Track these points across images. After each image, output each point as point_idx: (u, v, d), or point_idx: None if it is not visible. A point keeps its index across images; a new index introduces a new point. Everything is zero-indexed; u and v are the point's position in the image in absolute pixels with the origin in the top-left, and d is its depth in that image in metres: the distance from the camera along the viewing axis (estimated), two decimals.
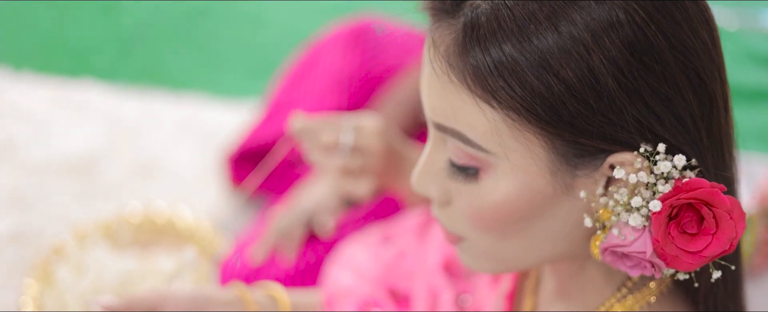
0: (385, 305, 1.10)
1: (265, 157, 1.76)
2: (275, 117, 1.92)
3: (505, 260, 0.83)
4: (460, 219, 0.82)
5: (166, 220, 1.89)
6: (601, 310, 0.85)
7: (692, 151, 0.74)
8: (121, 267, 1.75)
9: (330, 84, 1.91)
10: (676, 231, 0.73)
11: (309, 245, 1.64)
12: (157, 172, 2.07)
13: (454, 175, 0.79)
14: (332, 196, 1.67)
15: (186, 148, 2.13)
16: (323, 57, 1.97)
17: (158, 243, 1.85)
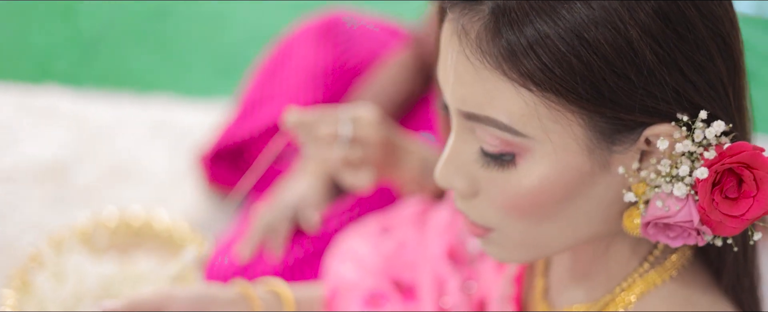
0: (391, 297, 1.06)
1: (259, 155, 1.71)
2: (249, 114, 1.87)
3: (538, 246, 0.79)
4: (489, 209, 0.78)
5: (142, 223, 1.83)
6: (624, 286, 0.82)
7: (725, 116, 0.72)
8: (101, 272, 1.69)
9: (304, 78, 1.86)
10: (719, 197, 0.70)
11: (295, 240, 1.60)
12: (130, 175, 2.01)
13: (488, 164, 0.76)
14: (316, 191, 1.64)
15: (158, 150, 2.07)
16: (295, 52, 1.93)
17: (137, 247, 1.80)
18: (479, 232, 0.81)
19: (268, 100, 1.87)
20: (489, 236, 0.81)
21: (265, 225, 1.60)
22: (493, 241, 0.81)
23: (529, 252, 0.80)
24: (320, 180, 1.65)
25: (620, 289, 0.83)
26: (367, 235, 1.16)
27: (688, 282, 0.82)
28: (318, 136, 1.12)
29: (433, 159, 1.25)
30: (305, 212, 1.61)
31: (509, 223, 0.77)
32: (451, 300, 1.03)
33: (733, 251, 0.81)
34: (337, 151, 1.12)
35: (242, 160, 1.88)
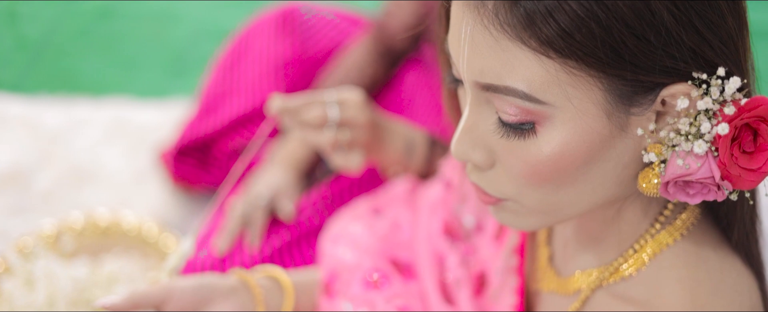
0: (391, 276, 1.05)
1: (248, 144, 1.69)
2: (211, 109, 1.84)
3: (554, 212, 0.79)
4: (506, 179, 0.77)
5: (109, 224, 1.79)
6: (636, 247, 0.83)
7: (739, 72, 0.72)
8: (73, 275, 1.65)
9: (266, 70, 1.84)
10: (737, 151, 0.71)
11: (272, 230, 1.58)
12: (91, 178, 1.96)
13: (507, 134, 0.75)
14: (288, 181, 1.62)
15: (117, 151, 2.02)
16: (252, 45, 1.90)
17: (107, 248, 1.76)
18: (492, 201, 0.80)
19: (229, 95, 1.85)
20: (503, 204, 0.80)
21: (241, 217, 1.58)
22: (507, 209, 0.80)
23: (545, 218, 0.80)
24: (292, 170, 1.64)
25: (633, 251, 0.83)
26: (359, 217, 1.15)
27: (699, 240, 0.82)
28: (304, 121, 1.11)
29: (417, 139, 1.24)
30: (280, 202, 1.59)
31: (527, 191, 0.77)
32: (452, 275, 1.02)
33: (742, 208, 0.81)
34: (327, 134, 1.11)
35: (208, 155, 1.84)
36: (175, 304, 0.99)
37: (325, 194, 1.63)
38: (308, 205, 1.61)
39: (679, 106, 0.70)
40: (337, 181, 1.65)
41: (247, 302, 1.02)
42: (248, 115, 1.79)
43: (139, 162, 1.99)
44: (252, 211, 1.58)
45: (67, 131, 2.07)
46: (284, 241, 1.55)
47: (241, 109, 1.79)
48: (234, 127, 1.80)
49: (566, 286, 0.89)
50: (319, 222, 1.58)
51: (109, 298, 0.97)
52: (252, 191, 1.62)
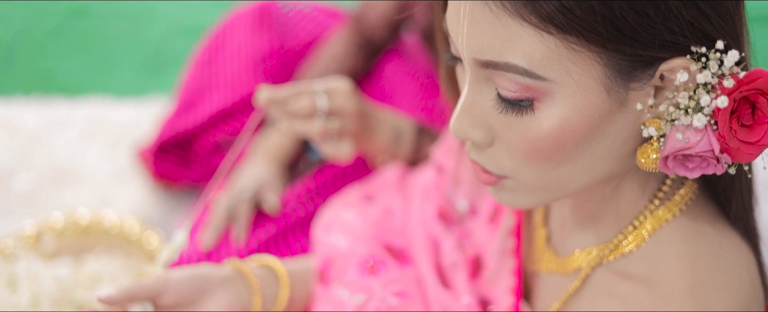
0: (386, 262, 1.05)
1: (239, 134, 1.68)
2: (189, 106, 1.83)
3: (553, 189, 0.79)
4: (506, 156, 0.77)
5: (90, 223, 1.78)
6: (635, 224, 0.83)
7: (736, 45, 0.73)
8: (57, 275, 1.64)
9: (244, 65, 1.83)
10: (736, 125, 0.71)
11: (257, 224, 1.57)
12: (71, 178, 1.94)
13: (505, 110, 0.74)
14: (272, 174, 1.61)
15: (95, 151, 2.01)
16: (229, 40, 1.89)
17: (90, 248, 1.74)
18: (492, 180, 0.80)
19: (207, 90, 1.83)
20: (502, 183, 0.80)
21: (226, 210, 1.57)
22: (507, 188, 0.80)
23: (544, 195, 0.80)
24: (275, 163, 1.63)
25: (632, 227, 0.83)
26: (351, 204, 1.14)
27: (697, 215, 0.83)
28: (293, 111, 1.10)
29: (404, 127, 1.24)
30: (265, 195, 1.58)
31: (526, 168, 0.77)
32: (448, 259, 1.02)
33: (740, 181, 0.82)
34: (316, 123, 1.10)
35: (188, 151, 1.83)
36: (171, 296, 0.98)
37: (309, 186, 1.62)
38: (293, 197, 1.61)
39: (678, 80, 0.71)
40: (322, 172, 1.65)
41: (243, 291, 1.02)
42: (228, 110, 1.78)
43: (119, 161, 1.97)
44: (237, 205, 1.57)
45: (44, 131, 2.05)
46: (270, 234, 1.54)
47: (220, 104, 1.78)
48: (214, 122, 1.79)
49: (565, 266, 0.89)
50: (304, 214, 1.58)
51: (105, 292, 0.96)
52: (236, 185, 1.62)
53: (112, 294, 0.95)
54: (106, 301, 0.96)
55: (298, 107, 1.10)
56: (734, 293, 0.80)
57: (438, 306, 0.99)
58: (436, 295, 1.00)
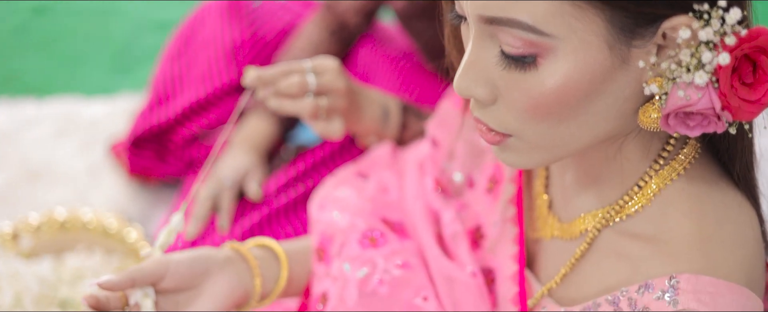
0: (387, 235, 1.05)
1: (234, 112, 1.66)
2: (163, 100, 1.82)
3: (556, 148, 0.80)
4: (509, 113, 0.78)
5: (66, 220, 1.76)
6: (641, 184, 0.84)
7: (737, 3, 0.74)
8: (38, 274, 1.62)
9: (215, 56, 1.82)
10: (737, 83, 0.73)
11: (241, 213, 1.57)
12: (44, 177, 1.92)
13: (508, 66, 0.75)
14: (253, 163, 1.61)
15: (68, 149, 1.98)
16: (200, 32, 1.88)
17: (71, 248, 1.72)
18: (496, 139, 0.81)
19: (180, 83, 1.82)
20: (505, 142, 0.81)
21: (208, 200, 1.57)
22: (510, 147, 0.81)
23: (547, 154, 0.81)
24: (254, 152, 1.63)
25: (637, 188, 0.84)
26: (345, 182, 1.15)
27: (700, 175, 0.84)
28: (282, 90, 1.10)
29: (390, 105, 1.25)
30: (247, 184, 1.58)
31: (529, 126, 0.78)
32: (448, 230, 1.03)
33: (742, 140, 0.83)
34: (307, 102, 1.10)
35: (163, 145, 1.82)
36: (172, 278, 0.97)
37: (290, 174, 1.63)
38: (274, 185, 1.61)
39: (681, 37, 0.72)
40: (302, 159, 1.65)
41: (243, 272, 1.02)
42: (202, 102, 1.77)
43: (93, 158, 1.96)
44: (219, 194, 1.57)
45: (15, 131, 2.03)
46: (254, 222, 1.54)
47: (194, 96, 1.78)
48: (188, 115, 1.78)
49: (570, 230, 0.91)
50: (287, 200, 1.58)
51: (106, 278, 0.95)
52: (216, 175, 1.61)
53: (112, 279, 0.95)
54: (107, 286, 0.95)
55: (287, 85, 1.10)
56: (741, 249, 0.81)
57: (442, 277, 0.99)
58: (439, 265, 1.00)
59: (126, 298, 0.98)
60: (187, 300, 0.99)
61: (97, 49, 2.34)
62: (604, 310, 0.85)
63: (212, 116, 1.77)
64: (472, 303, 0.97)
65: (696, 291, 0.79)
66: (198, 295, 0.99)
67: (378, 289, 1.00)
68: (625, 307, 0.83)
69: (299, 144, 1.69)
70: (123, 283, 0.95)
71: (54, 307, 1.59)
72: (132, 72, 2.26)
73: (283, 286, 1.05)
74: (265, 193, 1.59)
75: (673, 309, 0.79)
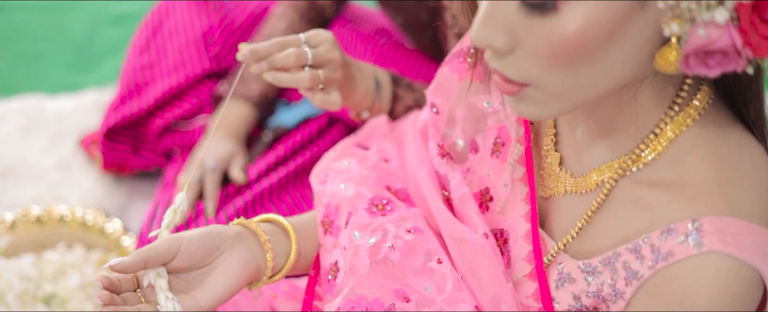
0: (394, 203, 1.04)
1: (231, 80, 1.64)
2: (134, 91, 1.79)
3: (574, 96, 0.79)
4: (529, 62, 0.77)
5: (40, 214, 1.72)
6: (656, 131, 0.84)
7: None
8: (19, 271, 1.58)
9: (185, 44, 1.80)
10: (757, 19, 0.73)
11: (226, 198, 1.55)
12: (16, 175, 1.88)
13: (528, 13, 0.75)
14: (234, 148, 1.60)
15: (38, 146, 1.94)
16: (167, 21, 1.86)
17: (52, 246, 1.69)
18: (513, 89, 0.80)
19: (150, 74, 1.80)
20: (523, 93, 0.80)
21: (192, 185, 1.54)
22: (528, 98, 0.80)
23: (565, 103, 0.80)
24: (232, 137, 1.62)
25: (653, 135, 0.84)
26: (345, 153, 1.13)
27: (715, 119, 0.84)
28: (279, 63, 1.09)
29: (381, 77, 1.24)
30: (231, 168, 1.57)
31: (549, 74, 0.77)
32: (457, 193, 1.02)
33: (756, 83, 0.83)
34: (305, 74, 1.09)
35: (137, 137, 1.79)
36: (184, 256, 0.95)
37: (272, 157, 1.61)
38: (257, 169, 1.60)
39: None
40: (283, 142, 1.64)
41: (254, 247, 1.00)
42: (174, 91, 1.75)
43: (63, 154, 1.91)
44: (202, 179, 1.55)
45: None
46: (239, 206, 1.53)
47: (167, 86, 1.75)
48: (162, 105, 1.75)
49: (585, 184, 0.90)
50: (270, 183, 1.56)
51: (117, 260, 0.93)
52: (197, 162, 1.59)
53: (124, 261, 0.93)
54: (119, 268, 0.93)
55: (284, 58, 1.08)
56: (758, 190, 0.82)
57: (454, 240, 0.99)
58: (450, 228, 0.99)
59: (137, 281, 0.96)
60: (198, 279, 0.97)
61: (56, 46, 2.28)
62: (625, 259, 0.85)
63: (187, 105, 1.74)
64: (487, 264, 0.96)
65: (720, 232, 0.79)
66: (210, 273, 0.98)
67: (390, 255, 0.99)
68: (648, 254, 0.83)
69: (277, 126, 1.67)
70: (135, 264, 0.93)
71: (38, 303, 1.55)
72: (94, 68, 2.21)
73: (293, 260, 1.03)
74: (249, 177, 1.58)
75: (698, 251, 0.79)
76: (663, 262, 0.81)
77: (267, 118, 1.71)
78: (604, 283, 0.88)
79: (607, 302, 0.88)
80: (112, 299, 0.91)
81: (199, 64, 1.76)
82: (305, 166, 1.61)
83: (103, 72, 2.20)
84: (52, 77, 2.19)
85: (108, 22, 2.31)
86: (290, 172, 1.59)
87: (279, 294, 1.17)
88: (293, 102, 1.71)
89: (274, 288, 1.18)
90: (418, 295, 0.97)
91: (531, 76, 0.78)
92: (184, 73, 1.76)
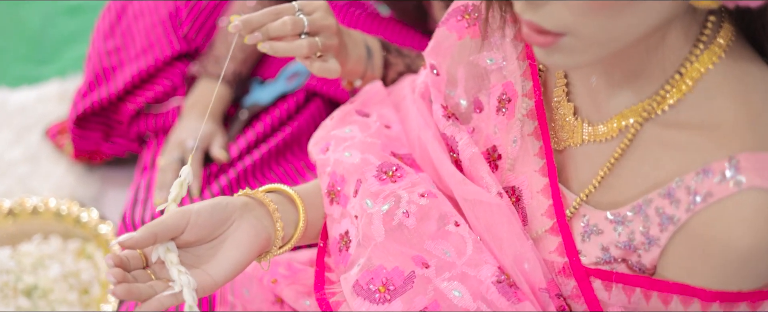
0: (403, 168, 0.99)
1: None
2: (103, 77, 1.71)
3: (611, 42, 0.75)
4: (567, 9, 0.72)
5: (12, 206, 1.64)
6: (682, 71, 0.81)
7: None
8: None
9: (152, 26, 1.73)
10: None
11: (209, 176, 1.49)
12: None
13: None
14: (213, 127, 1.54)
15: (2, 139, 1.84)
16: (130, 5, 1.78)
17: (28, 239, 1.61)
18: (548, 41, 0.75)
19: (117, 58, 1.72)
20: (557, 43, 0.75)
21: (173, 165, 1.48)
22: (563, 48, 0.76)
23: (601, 50, 0.76)
24: (211, 117, 1.55)
25: (679, 75, 0.80)
26: (345, 120, 1.08)
27: (739, 56, 0.81)
28: (275, 32, 1.03)
29: (372, 44, 1.19)
30: (212, 147, 1.51)
31: (587, 21, 0.73)
32: (466, 153, 0.97)
33: None
34: (305, 41, 1.03)
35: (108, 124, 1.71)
36: (193, 229, 0.90)
37: (252, 135, 1.56)
38: (238, 147, 1.54)
39: None
40: (261, 120, 1.58)
41: (263, 217, 0.95)
42: (143, 75, 1.67)
43: (29, 145, 1.82)
44: (184, 158, 1.49)
45: None
46: (223, 185, 1.48)
47: (135, 69, 1.68)
48: (132, 89, 1.68)
49: (606, 131, 0.86)
50: (252, 161, 1.51)
51: (126, 235, 0.87)
52: (175, 141, 1.53)
53: (133, 236, 0.87)
54: (128, 244, 0.87)
55: (280, 26, 1.02)
56: None
57: (468, 201, 0.94)
58: (464, 190, 0.95)
59: (146, 258, 0.90)
60: (209, 252, 0.92)
61: (12, 40, 2.18)
62: (658, 205, 0.82)
63: (159, 87, 1.67)
64: (505, 224, 0.92)
65: (758, 168, 0.76)
66: (220, 246, 0.92)
67: (404, 222, 0.94)
68: (683, 197, 0.79)
69: (253, 104, 1.61)
70: (145, 238, 0.87)
71: (19, 296, 1.48)
72: (53, 60, 2.12)
73: (302, 228, 0.98)
74: (231, 155, 1.52)
75: (738, 189, 0.76)
76: (702, 203, 0.78)
77: (242, 97, 1.65)
78: (635, 231, 0.84)
79: (638, 251, 0.85)
80: (124, 276, 0.85)
81: (169, 46, 1.69)
82: (286, 142, 1.55)
83: (63, 63, 2.10)
84: (10, 71, 2.09)
85: (63, 13, 2.21)
86: (272, 149, 1.54)
87: (279, 278, 1.11)
88: (267, 80, 1.65)
89: (273, 273, 1.12)
90: (437, 259, 0.93)
91: (568, 24, 0.74)
92: (153, 56, 1.68)
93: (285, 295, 1.08)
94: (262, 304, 1.14)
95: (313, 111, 1.60)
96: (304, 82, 1.60)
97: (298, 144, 1.57)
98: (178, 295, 0.87)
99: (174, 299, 0.87)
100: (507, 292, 0.89)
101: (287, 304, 1.14)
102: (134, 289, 0.85)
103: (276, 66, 1.66)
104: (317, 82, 1.58)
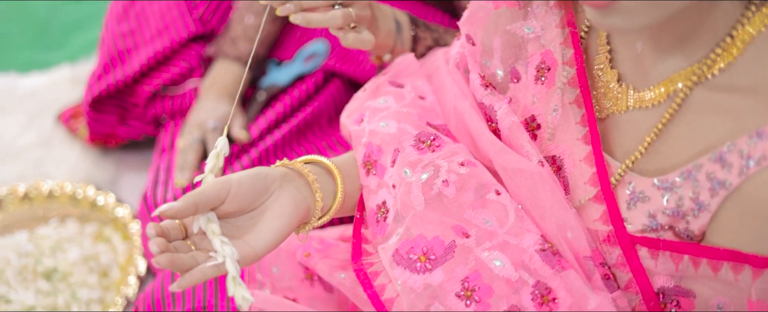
0: (440, 138, 0.97)
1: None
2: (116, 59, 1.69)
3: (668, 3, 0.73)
4: None
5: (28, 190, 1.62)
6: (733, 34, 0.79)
7: None
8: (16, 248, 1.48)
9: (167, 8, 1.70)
10: None
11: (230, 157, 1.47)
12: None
13: None
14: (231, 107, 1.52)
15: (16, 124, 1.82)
16: None
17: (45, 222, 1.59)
18: (605, 2, 0.74)
19: (132, 41, 1.70)
20: (616, 5, 0.74)
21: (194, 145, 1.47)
22: (621, 9, 0.73)
23: (658, 11, 0.74)
24: (228, 98, 1.54)
25: (730, 38, 0.79)
26: (379, 91, 1.06)
27: None
28: (307, 4, 1.01)
29: (401, 17, 1.17)
30: (232, 127, 1.49)
31: None
32: (506, 122, 0.95)
33: None
34: (339, 12, 1.01)
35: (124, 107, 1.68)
36: (234, 199, 0.88)
37: (272, 116, 1.54)
38: (256, 128, 1.52)
39: None
40: (280, 101, 1.56)
41: (303, 187, 0.93)
42: (160, 57, 1.65)
43: (43, 129, 1.80)
44: (204, 138, 1.47)
45: None
46: (245, 165, 1.46)
47: (151, 51, 1.65)
48: (148, 72, 1.66)
49: (653, 97, 0.84)
50: (273, 141, 1.49)
51: (166, 205, 0.85)
52: (195, 122, 1.51)
53: (174, 205, 0.85)
54: (169, 214, 0.85)
55: None
56: None
57: (508, 170, 0.92)
58: (504, 159, 0.93)
59: (185, 229, 0.88)
60: (249, 223, 0.90)
61: (20, 26, 2.15)
62: (709, 170, 0.80)
63: (175, 69, 1.65)
64: (547, 192, 0.90)
65: None
66: (260, 216, 0.90)
67: (443, 191, 0.92)
68: (736, 161, 0.78)
69: (270, 85, 1.59)
70: (186, 208, 0.85)
71: (39, 278, 1.45)
72: (61, 45, 2.09)
73: (341, 199, 0.96)
74: (251, 136, 1.50)
75: None
76: (756, 167, 0.76)
77: (259, 79, 1.62)
78: (683, 197, 0.82)
79: (686, 218, 0.83)
80: (167, 246, 0.83)
81: (184, 28, 1.66)
82: (307, 122, 1.53)
83: (73, 48, 2.08)
84: (19, 57, 2.06)
85: None
86: (293, 129, 1.52)
87: (313, 252, 1.09)
88: (284, 61, 1.63)
89: (306, 247, 1.10)
90: (477, 229, 0.91)
91: None
92: (169, 38, 1.66)
93: (319, 268, 1.06)
94: (291, 281, 1.12)
95: (332, 91, 1.58)
96: (321, 63, 1.58)
97: (318, 124, 1.55)
98: (221, 266, 0.85)
99: (216, 270, 0.85)
100: (551, 260, 0.87)
101: (317, 281, 1.12)
102: (176, 259, 0.83)
103: (293, 48, 1.63)
104: (336, 62, 1.56)
